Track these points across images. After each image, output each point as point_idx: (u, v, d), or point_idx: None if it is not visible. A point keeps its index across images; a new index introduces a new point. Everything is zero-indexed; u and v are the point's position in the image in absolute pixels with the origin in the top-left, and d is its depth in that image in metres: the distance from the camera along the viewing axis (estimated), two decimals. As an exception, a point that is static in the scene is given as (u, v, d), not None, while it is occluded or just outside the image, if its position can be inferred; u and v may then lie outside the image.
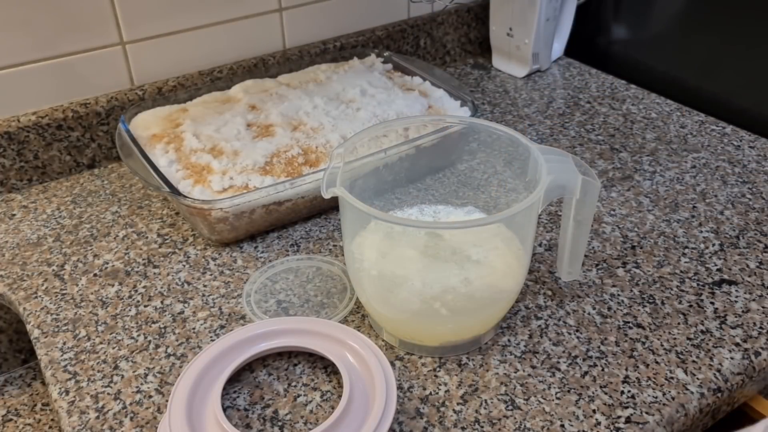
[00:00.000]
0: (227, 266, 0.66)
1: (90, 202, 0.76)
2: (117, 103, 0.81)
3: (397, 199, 0.65)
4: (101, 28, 0.78)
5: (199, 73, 0.86)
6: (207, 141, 0.72)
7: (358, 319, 0.60)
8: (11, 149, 0.77)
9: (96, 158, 0.83)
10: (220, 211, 0.64)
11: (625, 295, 0.62)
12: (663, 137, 0.86)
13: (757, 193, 0.75)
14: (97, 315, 0.61)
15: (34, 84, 0.77)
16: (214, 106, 0.79)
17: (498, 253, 0.55)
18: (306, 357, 0.56)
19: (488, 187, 0.66)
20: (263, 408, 0.52)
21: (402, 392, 0.53)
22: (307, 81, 0.84)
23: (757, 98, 0.88)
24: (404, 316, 0.54)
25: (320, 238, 0.70)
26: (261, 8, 0.88)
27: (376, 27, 0.99)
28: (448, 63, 1.08)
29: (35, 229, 0.72)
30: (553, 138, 0.87)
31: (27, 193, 0.79)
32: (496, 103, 0.95)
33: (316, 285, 0.64)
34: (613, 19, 1.05)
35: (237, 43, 0.88)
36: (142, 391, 0.54)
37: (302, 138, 0.72)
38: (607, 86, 0.99)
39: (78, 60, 0.79)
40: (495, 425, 0.50)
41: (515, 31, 1.00)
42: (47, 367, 0.56)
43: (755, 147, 0.83)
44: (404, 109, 0.77)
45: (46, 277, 0.65)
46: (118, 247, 0.69)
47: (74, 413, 0.52)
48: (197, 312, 0.61)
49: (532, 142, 0.55)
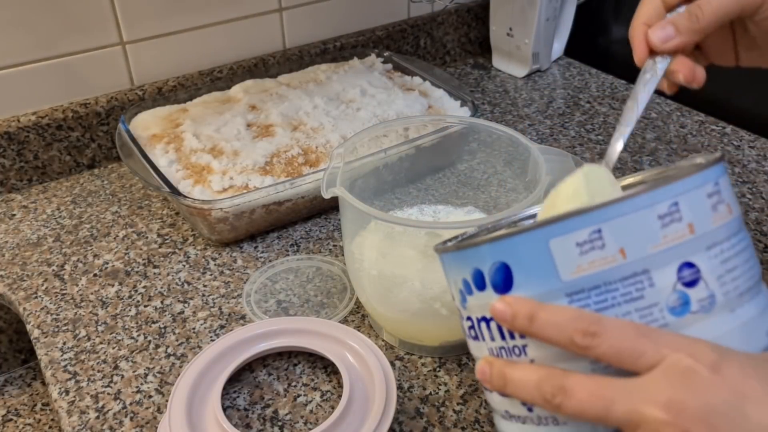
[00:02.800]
0: (227, 266, 0.66)
1: (90, 202, 0.76)
2: (117, 103, 0.81)
3: (397, 199, 0.65)
4: (101, 28, 0.78)
5: (199, 73, 0.86)
6: (207, 141, 0.72)
7: (358, 319, 0.60)
8: (11, 149, 0.77)
9: (96, 158, 0.83)
10: (220, 211, 0.64)
11: (625, 295, 0.62)
12: (663, 137, 0.86)
13: (757, 193, 0.75)
14: (97, 315, 0.61)
15: (34, 84, 0.77)
16: (214, 106, 0.79)
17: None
18: (306, 357, 0.56)
19: (488, 187, 0.66)
20: (263, 408, 0.52)
21: (402, 392, 0.53)
22: (307, 81, 0.84)
23: (757, 98, 0.88)
24: (404, 316, 0.54)
25: (320, 238, 0.70)
26: (261, 8, 0.88)
27: (376, 27, 0.99)
28: (448, 63, 1.08)
29: (35, 229, 0.72)
30: (553, 138, 0.87)
31: (27, 193, 0.79)
32: (496, 103, 0.95)
33: (316, 285, 0.64)
34: (613, 19, 1.05)
35: (237, 43, 0.88)
36: (142, 391, 0.54)
37: (302, 138, 0.72)
38: (607, 86, 0.99)
39: (78, 60, 0.79)
40: (495, 425, 0.50)
41: (515, 31, 1.00)
42: (47, 367, 0.56)
43: (755, 147, 0.83)
44: (404, 109, 0.77)
45: (46, 277, 0.65)
46: (118, 247, 0.69)
47: (74, 413, 0.52)
48: (197, 312, 0.61)
49: (532, 142, 0.55)
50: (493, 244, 0.34)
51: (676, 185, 0.32)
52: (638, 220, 0.31)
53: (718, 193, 0.33)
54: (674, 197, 0.32)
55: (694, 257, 0.32)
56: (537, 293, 0.32)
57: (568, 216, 0.31)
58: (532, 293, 0.33)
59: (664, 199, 0.31)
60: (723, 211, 0.33)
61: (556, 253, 0.32)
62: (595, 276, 0.31)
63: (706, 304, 0.32)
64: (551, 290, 0.32)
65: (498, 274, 0.34)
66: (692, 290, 0.32)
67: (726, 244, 0.33)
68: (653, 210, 0.31)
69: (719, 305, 0.32)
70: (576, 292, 0.32)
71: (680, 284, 0.32)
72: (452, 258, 0.37)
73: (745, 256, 0.34)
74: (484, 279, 0.34)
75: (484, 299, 0.35)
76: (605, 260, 0.31)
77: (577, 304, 0.32)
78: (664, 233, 0.31)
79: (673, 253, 0.31)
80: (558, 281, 0.32)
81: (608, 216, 0.31)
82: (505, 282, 0.33)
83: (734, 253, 0.33)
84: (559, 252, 0.31)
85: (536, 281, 0.32)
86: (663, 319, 0.32)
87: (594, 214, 0.31)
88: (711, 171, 0.33)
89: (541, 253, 0.32)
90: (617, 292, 0.31)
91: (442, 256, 0.38)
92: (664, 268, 0.31)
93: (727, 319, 0.32)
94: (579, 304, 0.32)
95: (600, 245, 0.31)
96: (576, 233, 0.31)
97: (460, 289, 0.37)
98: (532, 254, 0.32)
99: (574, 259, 0.31)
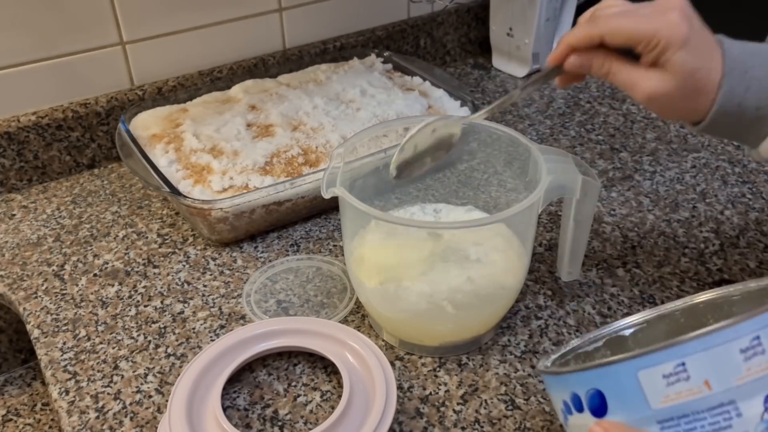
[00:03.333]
0: (227, 266, 0.66)
1: (90, 202, 0.76)
2: (117, 103, 0.81)
3: (397, 198, 0.65)
4: (101, 28, 0.78)
5: (199, 73, 0.86)
6: (207, 141, 0.72)
7: (358, 319, 0.60)
8: (11, 149, 0.77)
9: (96, 158, 0.83)
10: (220, 211, 0.64)
11: (625, 295, 0.62)
12: (663, 137, 0.86)
13: (757, 193, 0.75)
14: (97, 315, 0.61)
15: (34, 84, 0.77)
16: (214, 106, 0.79)
17: (498, 252, 0.55)
18: (306, 357, 0.56)
19: (488, 187, 0.66)
20: (263, 408, 0.52)
21: (402, 392, 0.53)
22: (307, 81, 0.84)
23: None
24: (404, 316, 0.54)
25: (320, 238, 0.70)
26: (261, 8, 0.88)
27: (376, 27, 0.99)
28: (448, 63, 1.08)
29: (35, 229, 0.72)
30: (553, 138, 0.87)
31: (27, 193, 0.79)
32: (496, 103, 0.95)
33: (316, 285, 0.64)
34: (613, 19, 1.04)
35: (237, 43, 0.88)
36: (142, 391, 0.54)
37: (302, 138, 0.72)
38: (607, 86, 0.99)
39: (78, 60, 0.79)
40: (495, 425, 0.50)
41: (515, 31, 1.00)
42: (47, 367, 0.56)
43: (755, 147, 0.83)
44: (404, 109, 0.77)
45: (46, 277, 0.65)
46: (118, 247, 0.69)
47: (74, 413, 0.52)
48: (197, 312, 0.61)
49: (532, 142, 0.55)
50: (587, 372, 0.36)
51: (757, 320, 0.33)
52: (721, 354, 0.33)
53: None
54: (756, 331, 0.33)
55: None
56: (630, 419, 0.35)
57: (656, 349, 0.33)
58: (625, 419, 0.35)
59: (746, 333, 0.33)
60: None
61: (645, 383, 0.34)
62: (683, 406, 0.33)
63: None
64: (643, 417, 0.34)
65: (594, 400, 0.36)
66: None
67: None
68: (736, 344, 0.33)
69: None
70: (666, 419, 0.34)
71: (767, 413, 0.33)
72: (552, 380, 0.39)
73: None
74: (582, 403, 0.36)
75: (583, 420, 0.37)
76: (691, 391, 0.33)
77: (668, 431, 0.34)
78: (748, 366, 0.33)
79: (759, 385, 0.33)
80: (648, 409, 0.34)
81: (692, 350, 0.33)
82: (600, 407, 0.35)
83: None
84: (648, 382, 0.34)
85: (628, 408, 0.34)
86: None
87: (678, 348, 0.33)
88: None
89: (630, 383, 0.34)
90: (705, 421, 0.33)
91: (544, 377, 0.40)
92: (751, 399, 0.33)
93: None
94: (670, 430, 0.33)
95: (685, 377, 0.33)
96: (662, 366, 0.33)
97: (561, 409, 0.39)
98: (623, 384, 0.34)
99: (662, 390, 0.33)
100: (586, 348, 0.46)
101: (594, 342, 0.46)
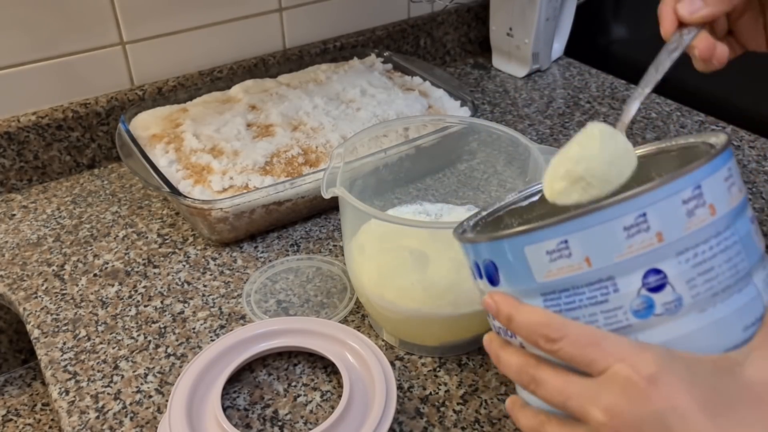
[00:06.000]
0: (227, 266, 0.66)
1: (90, 202, 0.76)
2: (117, 103, 0.81)
3: (397, 198, 0.65)
4: (101, 28, 0.78)
5: (199, 73, 0.86)
6: (207, 141, 0.72)
7: (358, 319, 0.60)
8: (11, 149, 0.77)
9: (96, 158, 0.83)
10: (220, 211, 0.64)
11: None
12: (663, 137, 0.86)
13: (757, 193, 0.75)
14: (97, 315, 0.61)
15: (34, 84, 0.77)
16: (214, 106, 0.79)
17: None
18: (306, 357, 0.56)
19: (488, 186, 0.66)
20: (263, 408, 0.52)
21: (402, 392, 0.53)
22: (307, 81, 0.84)
23: (757, 98, 0.88)
24: (404, 316, 0.54)
25: (320, 238, 0.70)
26: (261, 8, 0.88)
27: (376, 27, 0.99)
28: (448, 63, 1.08)
29: (35, 229, 0.72)
30: (553, 138, 0.87)
31: (27, 193, 0.79)
32: (496, 103, 0.95)
33: (316, 285, 0.64)
34: (613, 19, 1.05)
35: (237, 43, 0.88)
36: (142, 391, 0.54)
37: (302, 138, 0.72)
38: (607, 86, 0.99)
39: (78, 60, 0.79)
40: (495, 425, 0.50)
41: (515, 31, 1.00)
42: (47, 367, 0.56)
43: (755, 147, 0.83)
44: (404, 109, 0.77)
45: (46, 277, 0.65)
46: (118, 247, 0.69)
47: (74, 413, 0.52)
48: (197, 312, 0.61)
49: (532, 142, 0.55)
50: (481, 244, 0.37)
51: (644, 197, 0.32)
52: (603, 231, 0.33)
53: (698, 196, 0.33)
54: (642, 209, 0.32)
55: (662, 264, 0.33)
56: (518, 290, 0.36)
57: (540, 227, 0.34)
58: (514, 290, 0.36)
59: (630, 211, 0.32)
60: (702, 214, 0.33)
61: (531, 258, 0.35)
62: (564, 280, 0.34)
63: (672, 307, 0.33)
64: (528, 289, 0.36)
65: (488, 270, 0.37)
66: (657, 295, 0.33)
67: (703, 247, 0.33)
68: (619, 222, 0.33)
69: (686, 307, 0.33)
70: (549, 292, 0.35)
71: (645, 289, 0.33)
72: (462, 247, 0.40)
73: (729, 254, 0.34)
74: (481, 271, 0.38)
75: (484, 286, 0.39)
76: (572, 267, 0.34)
77: (549, 303, 0.35)
78: (630, 243, 0.33)
79: (639, 261, 0.33)
80: (533, 282, 0.35)
81: (575, 228, 0.33)
82: (494, 278, 0.37)
83: (713, 254, 0.33)
84: (533, 257, 0.35)
85: (516, 280, 0.36)
86: (627, 321, 0.34)
87: (562, 226, 0.33)
88: (689, 177, 0.33)
89: (518, 257, 0.35)
90: (584, 295, 0.34)
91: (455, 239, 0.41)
92: (629, 275, 0.33)
93: (695, 319, 0.33)
94: (551, 302, 0.35)
95: (567, 254, 0.34)
96: (546, 242, 0.34)
97: (471, 271, 0.40)
98: (511, 257, 0.36)
99: (545, 265, 0.34)
100: (521, 203, 0.45)
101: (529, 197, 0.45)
